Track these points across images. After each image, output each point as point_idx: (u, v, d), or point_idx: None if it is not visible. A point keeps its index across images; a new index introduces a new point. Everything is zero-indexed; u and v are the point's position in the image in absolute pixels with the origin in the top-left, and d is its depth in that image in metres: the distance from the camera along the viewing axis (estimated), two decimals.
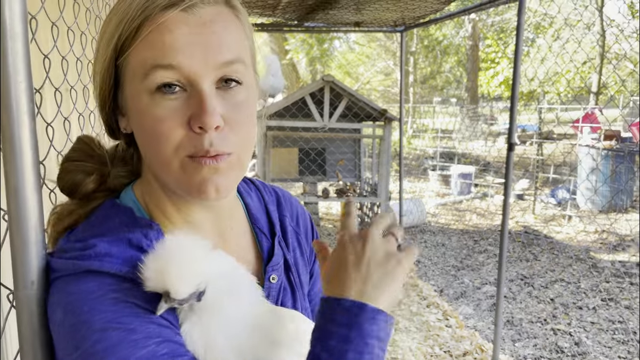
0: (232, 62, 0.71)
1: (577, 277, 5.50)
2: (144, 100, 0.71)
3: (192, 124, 0.69)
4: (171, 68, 0.68)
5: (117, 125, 0.81)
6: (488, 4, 3.56)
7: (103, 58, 0.74)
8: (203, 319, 0.69)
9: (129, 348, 0.64)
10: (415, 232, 7.38)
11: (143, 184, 0.84)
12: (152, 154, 0.73)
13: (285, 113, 5.35)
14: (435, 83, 21.73)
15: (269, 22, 5.29)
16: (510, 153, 3.33)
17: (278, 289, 0.89)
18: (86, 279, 0.69)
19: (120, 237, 0.74)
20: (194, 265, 0.67)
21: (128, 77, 0.73)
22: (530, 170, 9.78)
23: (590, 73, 16.04)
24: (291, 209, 1.01)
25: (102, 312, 0.66)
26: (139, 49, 0.69)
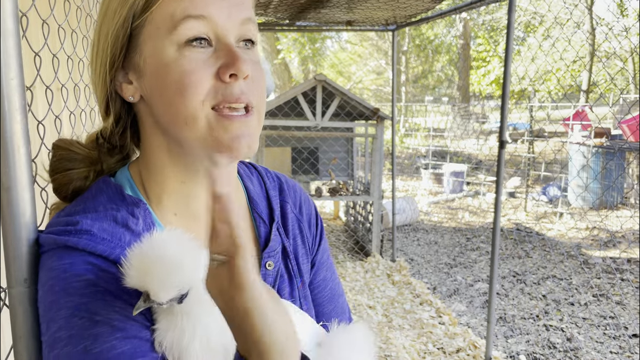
0: (250, 20, 0.75)
1: (568, 274, 5.54)
2: (171, 54, 0.71)
3: (222, 73, 0.71)
4: (202, 19, 0.70)
5: (115, 95, 0.79)
6: (478, 2, 3.58)
7: (117, 16, 0.73)
8: (181, 322, 0.67)
9: (91, 341, 0.64)
10: (408, 231, 7.40)
11: (141, 161, 0.83)
12: (176, 110, 0.72)
13: (278, 112, 5.35)
14: (427, 82, 21.79)
15: (261, 21, 5.29)
16: (502, 151, 3.35)
17: (274, 276, 0.88)
18: (63, 255, 0.69)
19: (107, 215, 0.73)
20: (179, 271, 0.63)
21: (149, 34, 0.72)
22: (522, 168, 9.84)
23: (581, 71, 16.16)
24: (294, 195, 0.99)
25: (71, 294, 0.66)
26: (165, 2, 0.70)
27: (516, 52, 18.01)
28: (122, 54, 0.75)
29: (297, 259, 0.94)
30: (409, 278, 5.20)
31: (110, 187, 0.79)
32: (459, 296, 5.05)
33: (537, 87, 15.15)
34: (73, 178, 0.82)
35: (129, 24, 0.73)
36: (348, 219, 7.23)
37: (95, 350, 0.63)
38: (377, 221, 5.59)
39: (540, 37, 15.30)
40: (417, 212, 7.80)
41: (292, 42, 13.36)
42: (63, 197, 0.84)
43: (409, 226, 7.59)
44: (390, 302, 4.66)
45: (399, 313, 4.42)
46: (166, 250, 0.64)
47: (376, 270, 5.42)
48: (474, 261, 6.11)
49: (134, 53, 0.75)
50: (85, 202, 0.77)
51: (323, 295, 1.00)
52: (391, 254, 5.81)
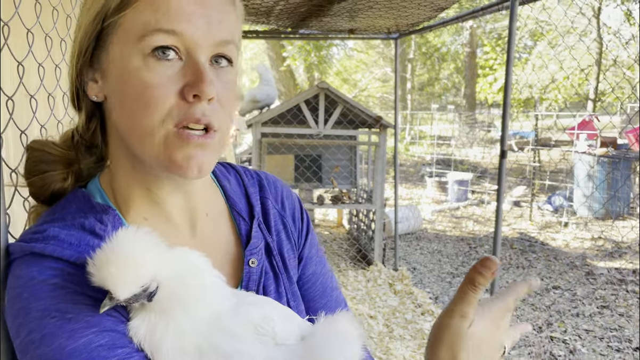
0: (228, 42, 0.72)
1: (572, 284, 5.48)
2: (135, 63, 0.68)
3: (186, 92, 0.68)
4: (173, 34, 0.68)
5: (84, 92, 0.77)
6: (480, 11, 3.57)
7: (90, 12, 0.71)
8: (154, 318, 0.66)
9: (65, 338, 0.62)
10: (411, 239, 7.36)
11: (110, 170, 0.81)
12: (133, 123, 0.70)
13: (280, 120, 5.35)
14: (433, 90, 21.78)
15: (265, 29, 5.31)
16: (503, 160, 3.33)
17: (259, 273, 0.86)
18: (30, 262, 0.68)
19: (74, 223, 0.72)
20: (136, 265, 0.63)
21: (118, 37, 0.70)
22: (527, 176, 9.78)
23: (588, 80, 16.09)
24: (275, 191, 0.97)
25: (41, 299, 0.64)
26: (139, 8, 0.68)
27: (523, 60, 17.98)
28: (89, 51, 0.73)
29: (282, 255, 0.92)
30: (411, 287, 5.16)
31: (79, 197, 0.78)
32: None
33: (543, 96, 15.09)
34: (51, 180, 0.80)
35: (99, 20, 0.71)
36: (351, 227, 7.20)
37: (71, 347, 0.62)
38: (380, 229, 5.56)
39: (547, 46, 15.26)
40: (420, 220, 7.76)
41: (298, 50, 13.42)
42: (42, 201, 0.82)
43: (412, 235, 7.54)
44: (392, 311, 4.62)
45: (400, 323, 4.38)
46: (123, 247, 0.63)
47: (378, 279, 5.38)
48: None
49: (102, 53, 0.73)
50: (55, 212, 0.76)
51: (314, 290, 0.97)
52: (393, 263, 5.77)
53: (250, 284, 0.85)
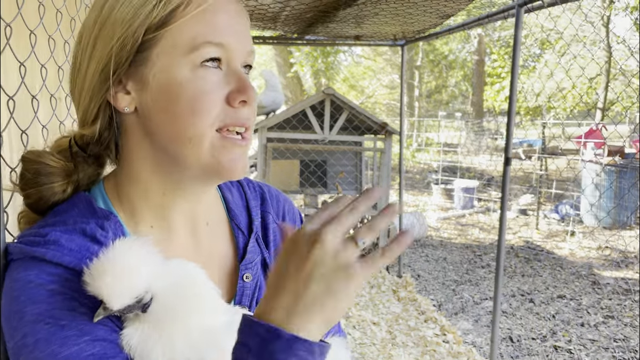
0: (253, 52, 0.80)
1: (578, 294, 5.43)
2: (185, 73, 0.72)
3: (232, 98, 0.74)
4: (221, 46, 0.73)
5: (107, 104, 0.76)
6: (486, 18, 3.57)
7: (126, 24, 0.71)
8: (147, 329, 0.67)
9: (58, 344, 0.63)
10: (416, 246, 7.34)
11: (120, 172, 0.82)
12: (181, 129, 0.73)
13: (286, 125, 5.37)
14: (440, 97, 21.76)
15: (272, 35, 5.34)
16: (507, 168, 3.32)
17: (253, 288, 0.86)
18: (29, 265, 0.68)
19: (75, 228, 0.73)
20: (131, 276, 0.64)
21: (162, 50, 0.72)
22: (534, 185, 9.74)
23: (597, 89, 16.02)
24: (277, 206, 0.98)
25: (37, 303, 0.65)
26: (187, 23, 0.72)
27: (531, 68, 17.94)
28: (127, 63, 0.73)
29: None
30: (415, 294, 5.13)
31: (82, 201, 0.78)
32: (465, 314, 4.97)
33: (551, 104, 15.04)
34: (50, 193, 0.79)
35: (140, 34, 0.72)
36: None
37: (63, 354, 0.62)
38: (384, 236, 5.55)
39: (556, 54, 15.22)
40: (425, 227, 7.74)
41: (305, 56, 13.47)
42: (40, 213, 0.81)
43: (418, 242, 7.52)
44: (395, 318, 4.60)
45: (403, 330, 4.36)
46: (118, 257, 0.64)
47: (382, 286, 5.36)
48: (483, 278, 6.02)
49: (141, 65, 0.73)
50: (56, 215, 0.76)
51: None
52: (397, 270, 5.76)
53: (244, 298, 0.85)
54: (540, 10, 3.36)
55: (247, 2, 3.44)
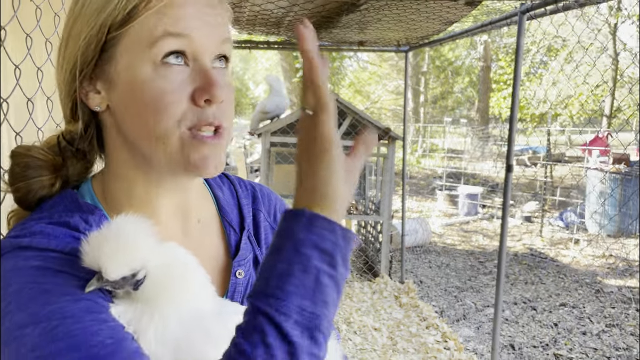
0: (227, 40, 0.76)
1: (582, 302, 5.40)
2: (146, 71, 0.70)
3: (197, 97, 0.71)
4: (182, 37, 0.70)
5: (82, 103, 0.77)
6: (489, 25, 3.58)
7: (92, 24, 0.72)
8: (138, 308, 0.67)
9: (40, 304, 0.62)
10: (419, 252, 7.32)
11: (104, 174, 0.82)
12: (147, 128, 0.72)
13: (289, 129, 5.38)
14: (446, 103, 21.75)
15: (276, 40, 5.36)
16: (509, 174, 3.31)
17: (245, 285, 0.87)
18: (17, 254, 0.69)
19: (59, 221, 0.73)
20: (130, 249, 0.65)
21: (126, 47, 0.71)
22: (539, 192, 9.70)
23: (603, 96, 15.95)
24: (269, 204, 0.98)
25: (22, 276, 0.65)
26: (148, 18, 0.70)
27: (538, 75, 17.89)
28: (92, 63, 0.74)
29: None
30: (417, 300, 5.12)
31: (67, 197, 0.79)
32: (467, 321, 4.95)
33: (558, 111, 14.98)
34: (38, 186, 0.79)
35: (104, 33, 0.72)
36: (358, 238, 7.19)
37: (45, 311, 0.61)
38: (387, 241, 5.54)
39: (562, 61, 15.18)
40: (429, 233, 7.72)
41: None
42: (27, 207, 0.82)
43: (421, 248, 7.50)
44: (396, 324, 4.59)
45: (404, 336, 4.34)
46: (119, 228, 0.66)
47: (384, 292, 5.35)
48: (485, 285, 6.00)
49: (107, 64, 0.74)
50: (42, 211, 0.77)
51: None
52: (400, 276, 5.74)
53: (236, 295, 0.85)
54: (545, 17, 3.36)
55: (251, 7, 3.46)
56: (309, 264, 0.57)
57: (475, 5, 3.22)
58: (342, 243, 0.59)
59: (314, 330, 0.56)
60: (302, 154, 0.63)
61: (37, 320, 0.61)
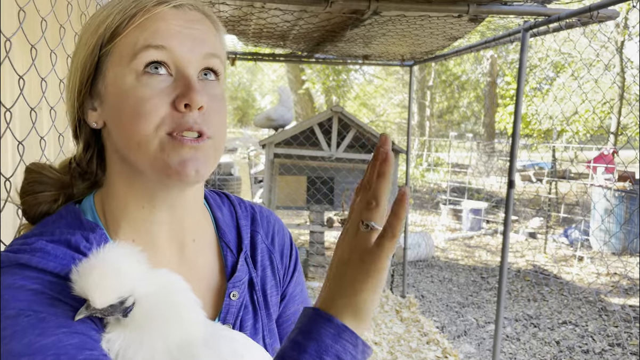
0: (213, 55, 0.77)
1: (585, 320, 5.35)
2: (129, 82, 0.73)
3: (177, 102, 0.73)
4: (162, 49, 0.73)
5: (84, 122, 0.81)
6: (492, 41, 3.60)
7: (87, 46, 0.76)
8: (129, 334, 0.68)
9: (36, 335, 0.63)
10: (422, 266, 7.29)
11: (104, 189, 0.84)
12: (129, 135, 0.74)
13: (293, 141, 5.40)
14: (451, 117, 21.76)
15: (282, 52, 5.41)
16: (511, 190, 3.31)
17: (238, 307, 0.87)
18: (14, 272, 0.70)
19: (61, 239, 0.75)
20: (117, 277, 0.66)
21: (113, 62, 0.75)
22: (544, 208, 9.65)
23: (610, 113, 15.92)
24: (267, 226, 0.98)
25: (18, 300, 0.66)
26: (130, 33, 0.73)
27: (544, 91, 17.89)
28: (89, 82, 0.78)
29: (264, 291, 0.92)
30: (418, 315, 5.09)
31: (70, 213, 0.81)
32: (468, 337, 4.92)
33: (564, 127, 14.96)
34: (41, 201, 0.83)
35: (96, 52, 0.76)
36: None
37: (39, 343, 0.63)
38: None
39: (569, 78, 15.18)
40: (432, 247, 7.69)
41: (317, 73, 13.57)
42: (30, 219, 0.85)
43: (423, 262, 7.47)
44: (397, 339, 4.56)
45: (405, 351, 4.32)
46: (108, 258, 0.67)
47: (385, 306, 5.33)
48: (488, 301, 5.96)
49: (99, 81, 0.77)
50: (45, 226, 0.79)
51: None
52: (401, 290, 5.72)
53: (229, 316, 0.86)
54: (551, 34, 3.38)
55: (257, 21, 3.50)
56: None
57: (479, 22, 3.24)
58: (360, 357, 0.63)
59: None
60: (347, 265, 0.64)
61: (32, 352, 0.62)
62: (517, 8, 2.88)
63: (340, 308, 0.63)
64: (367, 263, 0.62)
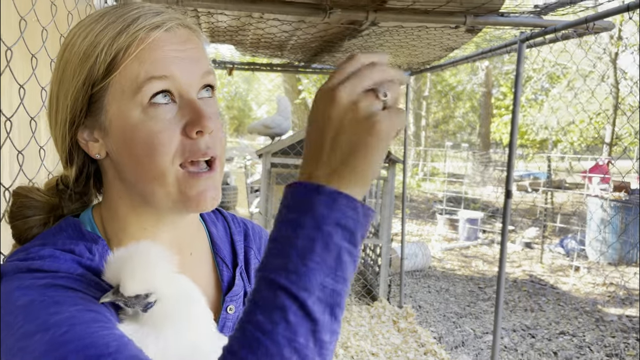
0: (209, 72, 0.78)
1: (582, 330, 5.34)
2: (136, 115, 0.73)
3: (189, 130, 0.73)
4: (165, 78, 0.73)
5: (78, 150, 0.81)
6: (489, 52, 3.62)
7: (76, 78, 0.75)
8: (141, 331, 0.69)
9: (50, 314, 0.63)
10: (419, 276, 7.28)
11: (104, 208, 0.84)
12: (144, 169, 0.74)
13: (290, 151, 5.40)
14: (447, 127, 21.86)
15: (279, 62, 5.42)
16: (508, 200, 3.32)
17: (234, 320, 0.88)
18: (25, 276, 0.69)
19: (64, 248, 0.74)
20: (150, 271, 0.68)
21: (114, 96, 0.74)
22: (540, 218, 9.68)
23: (604, 124, 16.03)
24: (259, 242, 1.00)
25: (30, 294, 0.66)
26: (129, 66, 0.72)
27: (540, 101, 18.01)
28: (82, 114, 0.77)
29: None
30: (415, 326, 5.07)
31: (70, 225, 0.80)
32: (465, 347, 4.90)
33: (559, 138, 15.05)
34: (32, 225, 0.83)
35: (88, 87, 0.75)
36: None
37: (53, 319, 0.62)
38: (385, 265, 5.52)
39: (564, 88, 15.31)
40: (429, 257, 7.69)
41: (313, 83, 13.63)
42: (21, 243, 0.84)
43: (420, 272, 7.46)
44: (394, 349, 4.54)
45: None
46: (144, 250, 0.69)
47: (382, 316, 5.30)
48: (485, 312, 5.95)
49: (98, 114, 0.77)
50: (46, 238, 0.78)
51: None
52: (398, 300, 5.70)
53: (225, 330, 0.86)
54: (546, 46, 3.41)
55: (255, 31, 3.51)
56: (331, 241, 0.54)
57: (476, 33, 3.26)
58: (362, 220, 0.57)
59: (335, 306, 0.55)
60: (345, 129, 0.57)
61: (46, 328, 0.61)
62: (514, 19, 2.90)
63: (338, 176, 0.56)
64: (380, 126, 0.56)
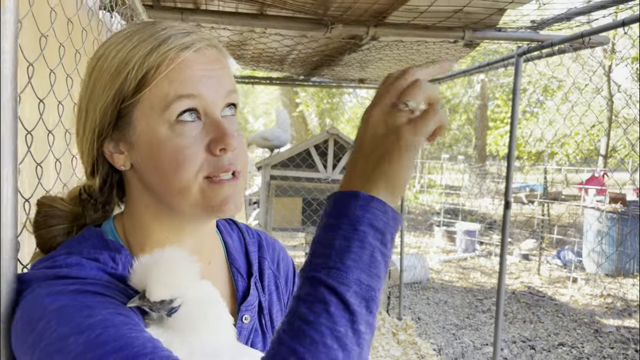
0: (233, 91, 0.82)
1: (580, 342, 5.36)
2: (164, 132, 0.76)
3: (212, 147, 0.77)
4: (193, 97, 0.76)
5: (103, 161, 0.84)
6: (486, 66, 3.68)
7: (106, 92, 0.78)
8: (165, 335, 0.71)
9: (83, 317, 0.65)
10: (418, 289, 7.29)
11: (126, 216, 0.87)
12: (170, 182, 0.77)
13: (289, 163, 5.44)
14: (443, 140, 21.95)
15: (279, 76, 5.48)
16: (507, 211, 3.35)
17: (249, 330, 0.90)
18: (53, 283, 0.71)
19: (90, 257, 0.77)
20: (176, 277, 0.70)
21: (143, 112, 0.77)
22: (536, 230, 9.72)
23: (599, 136, 16.14)
24: (272, 253, 1.03)
25: (60, 300, 0.68)
26: (159, 84, 0.76)
27: (534, 114, 18.13)
28: (109, 127, 0.81)
29: (271, 315, 0.96)
30: (415, 338, 5.08)
31: (93, 235, 0.83)
32: (465, 359, 4.90)
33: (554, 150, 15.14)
34: (56, 234, 0.86)
35: (118, 102, 0.78)
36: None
37: (87, 322, 0.64)
38: (384, 277, 5.52)
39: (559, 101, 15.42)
40: (427, 269, 7.70)
41: (311, 96, 13.71)
42: (45, 251, 0.87)
43: (419, 284, 7.47)
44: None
45: None
46: (170, 256, 0.72)
47: (381, 328, 5.31)
48: (484, 323, 5.96)
49: (125, 128, 0.80)
50: (70, 247, 0.81)
51: None
52: (398, 312, 5.71)
53: (240, 339, 0.88)
54: (541, 60, 3.47)
55: (256, 45, 3.56)
56: (365, 241, 0.60)
57: (474, 47, 3.32)
58: (392, 223, 0.63)
59: (370, 301, 0.60)
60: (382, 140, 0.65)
61: (80, 331, 0.64)
62: (511, 34, 2.96)
63: (370, 183, 0.63)
64: (403, 138, 0.63)
